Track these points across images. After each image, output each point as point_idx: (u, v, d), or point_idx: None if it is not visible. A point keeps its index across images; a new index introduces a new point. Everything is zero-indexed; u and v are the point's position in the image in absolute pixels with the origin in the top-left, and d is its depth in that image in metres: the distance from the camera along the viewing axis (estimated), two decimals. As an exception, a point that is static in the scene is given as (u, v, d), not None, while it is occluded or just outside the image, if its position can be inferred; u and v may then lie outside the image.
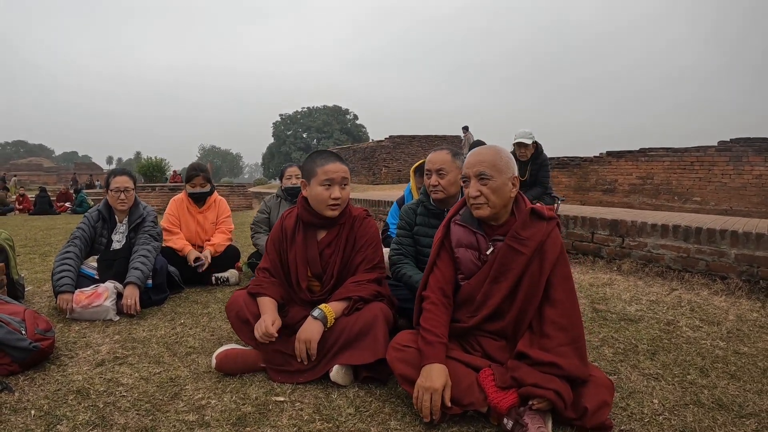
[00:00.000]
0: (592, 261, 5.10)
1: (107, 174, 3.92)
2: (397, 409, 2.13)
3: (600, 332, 3.12)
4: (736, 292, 3.98)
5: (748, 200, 11.29)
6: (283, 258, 2.73)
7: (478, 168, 2.13)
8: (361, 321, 2.38)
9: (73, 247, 3.67)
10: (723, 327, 3.20)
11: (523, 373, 1.95)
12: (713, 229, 4.29)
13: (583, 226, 5.24)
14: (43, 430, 1.92)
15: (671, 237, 4.55)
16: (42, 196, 17.11)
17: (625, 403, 2.18)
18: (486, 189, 2.12)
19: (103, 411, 2.08)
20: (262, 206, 4.83)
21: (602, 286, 4.24)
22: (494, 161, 2.13)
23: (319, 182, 2.55)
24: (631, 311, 3.54)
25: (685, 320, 3.34)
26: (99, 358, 2.67)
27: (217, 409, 2.11)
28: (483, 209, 2.15)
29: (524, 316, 2.14)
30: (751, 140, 11.47)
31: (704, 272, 4.33)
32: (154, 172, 23.04)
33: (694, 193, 12.23)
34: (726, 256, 4.21)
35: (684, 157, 12.45)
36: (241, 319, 2.57)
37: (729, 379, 2.44)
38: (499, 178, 2.12)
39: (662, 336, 3.04)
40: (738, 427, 1.99)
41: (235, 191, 16.48)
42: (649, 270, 4.63)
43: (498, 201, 2.14)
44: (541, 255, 2.13)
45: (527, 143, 5.63)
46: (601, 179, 14.19)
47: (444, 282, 2.26)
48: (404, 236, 3.10)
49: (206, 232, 4.64)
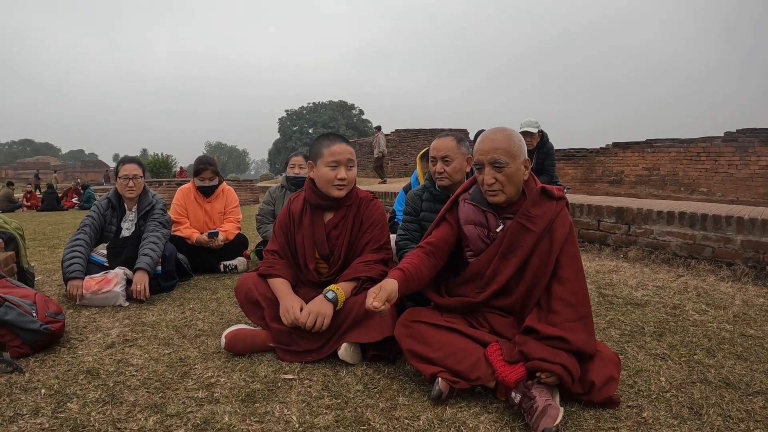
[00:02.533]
0: (599, 249, 5.10)
1: (116, 162, 3.94)
2: (405, 386, 2.15)
3: (607, 315, 3.13)
4: (742, 279, 3.97)
5: (755, 191, 11.24)
6: (290, 241, 2.75)
7: (492, 155, 2.11)
8: (369, 301, 2.40)
9: (83, 235, 3.69)
10: (729, 311, 3.20)
11: (531, 348, 1.96)
12: (719, 216, 4.28)
13: (589, 214, 5.24)
14: (53, 408, 1.94)
15: (677, 224, 4.54)
16: (50, 193, 17.17)
17: (632, 381, 2.19)
18: (501, 176, 2.12)
19: (113, 389, 2.10)
20: (266, 197, 4.83)
21: (608, 272, 4.24)
22: (508, 147, 2.11)
23: (325, 163, 2.58)
24: (637, 296, 3.54)
25: (692, 304, 3.34)
26: (109, 340, 2.70)
27: (226, 387, 2.13)
28: (498, 196, 2.15)
29: (532, 293, 2.15)
30: (757, 131, 11.42)
31: (710, 259, 4.32)
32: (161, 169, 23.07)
33: (700, 184, 12.19)
34: (732, 242, 4.20)
35: (690, 148, 12.41)
36: (250, 300, 2.59)
37: (736, 359, 2.44)
38: (514, 164, 2.11)
39: (668, 319, 3.05)
40: (745, 404, 1.99)
41: (242, 185, 16.55)
42: (655, 257, 4.63)
43: (512, 187, 2.15)
44: (550, 233, 2.14)
45: (533, 132, 5.62)
46: (607, 170, 14.16)
47: (435, 240, 2.30)
48: (410, 221, 3.11)
49: (214, 222, 4.65)
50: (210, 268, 4.43)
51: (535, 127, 5.64)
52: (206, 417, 1.87)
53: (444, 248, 2.31)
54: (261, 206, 4.81)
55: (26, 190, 19.02)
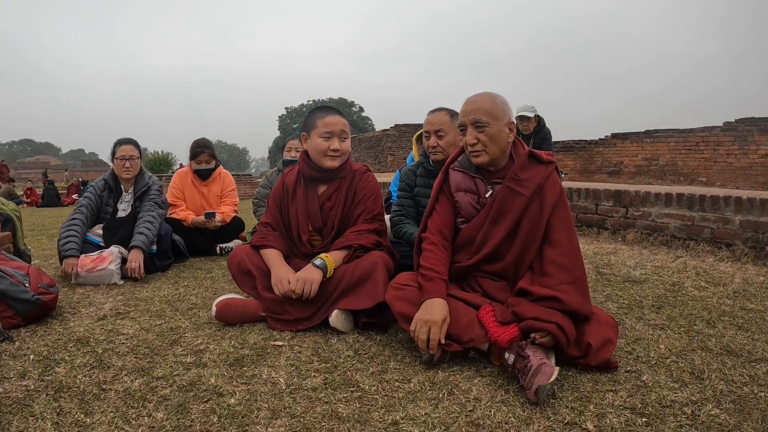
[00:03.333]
0: (597, 232, 5.07)
1: (113, 144, 3.91)
2: (397, 353, 2.12)
3: (604, 290, 3.10)
4: (741, 258, 3.94)
5: (754, 180, 11.21)
6: (284, 213, 2.73)
7: (473, 116, 2.12)
8: (361, 268, 2.38)
9: (80, 215, 3.68)
10: (729, 288, 3.16)
11: (524, 308, 1.93)
12: (717, 197, 4.25)
13: (587, 198, 5.21)
14: (41, 372, 1.92)
15: (675, 205, 4.51)
16: (50, 189, 17.18)
17: (630, 348, 2.16)
18: (483, 136, 2.11)
19: (102, 356, 2.08)
20: (263, 181, 4.81)
21: (607, 254, 4.21)
22: (490, 108, 2.11)
23: (318, 134, 2.56)
24: (635, 274, 3.51)
25: (691, 282, 3.30)
26: (101, 313, 2.68)
27: (215, 353, 2.10)
28: (481, 156, 2.14)
29: (524, 257, 2.13)
30: (756, 120, 11.38)
31: (709, 240, 4.29)
32: (161, 166, 23.20)
33: (699, 173, 12.15)
34: (731, 222, 4.17)
35: (689, 138, 12.37)
36: (242, 270, 2.58)
37: (736, 329, 2.41)
38: (496, 124, 2.10)
39: (667, 294, 3.02)
40: (748, 369, 1.96)
41: (242, 180, 16.52)
42: (653, 239, 4.60)
43: (495, 148, 2.13)
44: (540, 197, 2.12)
45: (529, 116, 5.61)
46: (606, 161, 14.12)
47: (443, 225, 2.25)
48: (405, 197, 3.08)
49: (211, 205, 4.63)
50: (206, 251, 4.41)
51: (532, 111, 5.64)
52: (193, 379, 1.85)
53: (452, 229, 2.30)
54: (258, 189, 4.79)
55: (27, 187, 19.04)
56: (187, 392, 1.76)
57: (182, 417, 1.59)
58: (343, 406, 1.67)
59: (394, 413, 1.62)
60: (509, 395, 1.75)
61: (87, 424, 1.56)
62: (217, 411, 1.63)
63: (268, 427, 1.54)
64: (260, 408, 1.65)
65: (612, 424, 1.56)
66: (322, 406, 1.67)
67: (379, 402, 1.70)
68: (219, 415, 1.60)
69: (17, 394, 1.74)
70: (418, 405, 1.68)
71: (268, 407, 1.66)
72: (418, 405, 1.68)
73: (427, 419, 1.59)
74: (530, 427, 1.54)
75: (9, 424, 1.55)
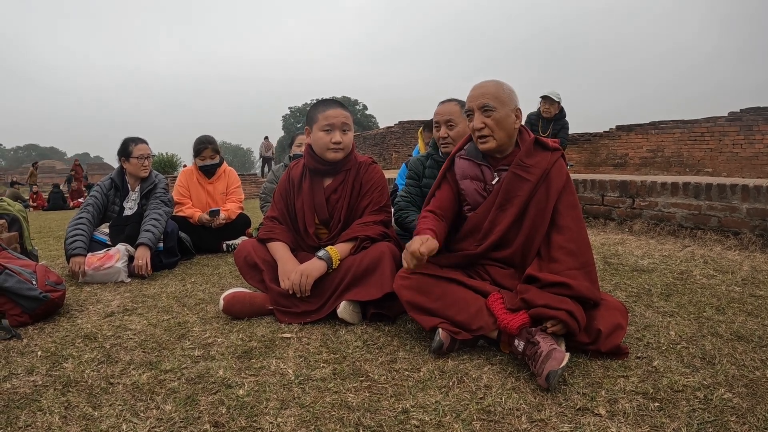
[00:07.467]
0: (603, 223, 5.04)
1: (125, 144, 3.88)
2: (406, 343, 2.11)
3: (612, 279, 3.08)
4: (749, 247, 3.91)
5: (761, 169, 11.15)
6: (290, 207, 2.72)
7: (481, 100, 2.12)
8: (368, 258, 2.36)
9: (86, 214, 3.69)
10: (738, 275, 3.13)
11: (533, 295, 1.91)
12: (723, 185, 4.22)
13: (593, 189, 5.18)
14: (48, 367, 1.91)
15: (681, 195, 4.48)
16: (56, 192, 17.23)
17: (640, 335, 2.14)
18: (490, 121, 2.11)
19: (110, 351, 2.08)
20: (270, 176, 4.81)
21: (614, 245, 4.19)
22: (497, 93, 2.12)
23: (320, 127, 2.56)
24: (643, 264, 3.49)
25: (699, 270, 3.28)
26: (109, 310, 2.68)
27: (223, 346, 2.10)
28: (489, 142, 2.13)
29: (531, 243, 2.12)
30: (761, 109, 11.32)
31: (716, 228, 4.26)
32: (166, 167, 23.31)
33: (705, 164, 12.09)
34: (738, 211, 4.14)
35: (694, 129, 12.31)
36: (248, 263, 2.58)
37: (746, 316, 2.39)
38: (503, 109, 2.11)
39: (676, 282, 2.99)
40: (759, 354, 1.93)
41: (247, 179, 16.53)
42: (660, 229, 4.57)
43: (502, 133, 2.13)
44: (546, 183, 2.11)
45: (554, 100, 5.71)
46: (611, 154, 14.07)
47: (441, 206, 2.27)
48: (412, 185, 3.07)
49: (216, 202, 4.63)
50: (212, 248, 4.42)
51: (557, 96, 5.73)
52: (201, 372, 1.84)
53: (450, 213, 2.30)
54: (265, 185, 4.79)
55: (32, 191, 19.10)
56: (195, 384, 1.75)
57: (191, 409, 1.59)
58: (353, 395, 1.66)
59: (404, 402, 1.61)
60: (520, 382, 1.74)
61: (95, 417, 1.55)
62: (225, 402, 1.62)
63: (277, 417, 1.53)
64: (269, 399, 1.64)
65: (624, 408, 1.55)
66: (331, 396, 1.66)
67: (389, 391, 1.69)
68: (228, 406, 1.59)
69: (25, 390, 1.74)
70: (428, 393, 1.66)
71: (277, 398, 1.65)
72: (428, 393, 1.66)
73: (437, 407, 1.57)
74: (542, 413, 1.53)
75: (17, 419, 1.55)
